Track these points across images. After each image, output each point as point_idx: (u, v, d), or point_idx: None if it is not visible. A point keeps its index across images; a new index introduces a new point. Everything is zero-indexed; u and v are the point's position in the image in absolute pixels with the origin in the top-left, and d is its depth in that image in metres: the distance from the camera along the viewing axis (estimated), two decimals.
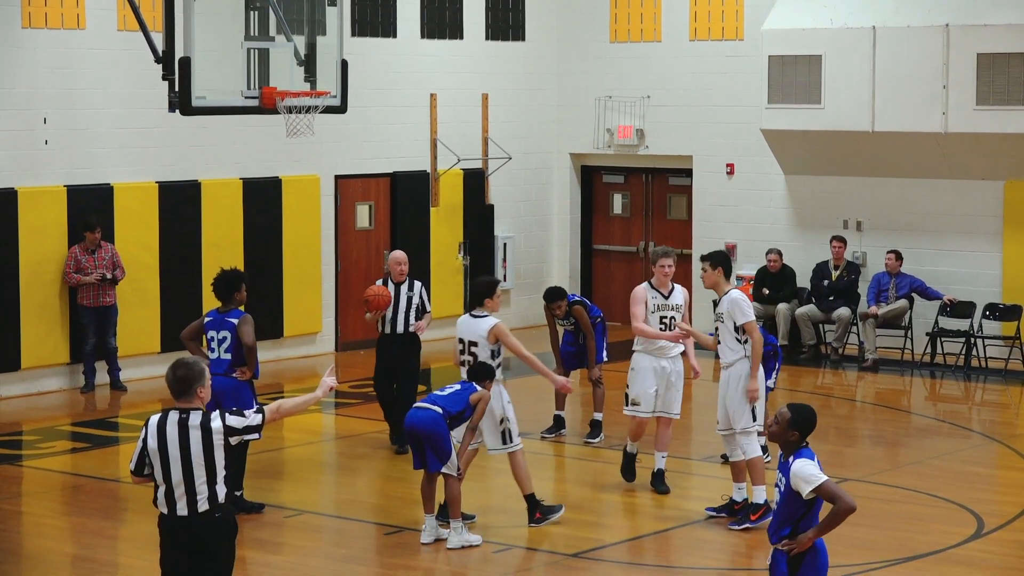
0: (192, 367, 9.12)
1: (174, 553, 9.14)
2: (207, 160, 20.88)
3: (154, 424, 9.07)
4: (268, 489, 14.77)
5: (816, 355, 22.05)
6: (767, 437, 9.14)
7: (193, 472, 8.98)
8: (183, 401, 9.09)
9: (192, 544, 9.08)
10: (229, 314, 13.94)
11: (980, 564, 12.65)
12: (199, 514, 9.03)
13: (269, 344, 21.09)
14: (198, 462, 8.97)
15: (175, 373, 9.13)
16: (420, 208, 23.46)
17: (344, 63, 16.84)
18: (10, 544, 13.40)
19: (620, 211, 25.52)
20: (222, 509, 9.10)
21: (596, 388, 16.87)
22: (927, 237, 22.29)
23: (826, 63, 22.03)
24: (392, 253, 16.56)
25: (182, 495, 9.01)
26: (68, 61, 19.53)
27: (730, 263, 14.07)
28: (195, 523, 9.04)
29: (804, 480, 8.87)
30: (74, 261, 19.14)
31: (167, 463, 9.00)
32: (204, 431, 8.97)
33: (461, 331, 13.58)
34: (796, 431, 9.00)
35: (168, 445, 8.99)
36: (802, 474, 8.88)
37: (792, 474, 8.90)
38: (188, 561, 9.13)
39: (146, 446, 9.06)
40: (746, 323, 13.55)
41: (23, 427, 17.85)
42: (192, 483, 9.00)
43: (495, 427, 13.38)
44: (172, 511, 9.05)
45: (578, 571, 12.53)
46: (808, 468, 8.88)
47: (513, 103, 24.68)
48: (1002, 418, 19.23)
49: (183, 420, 9.01)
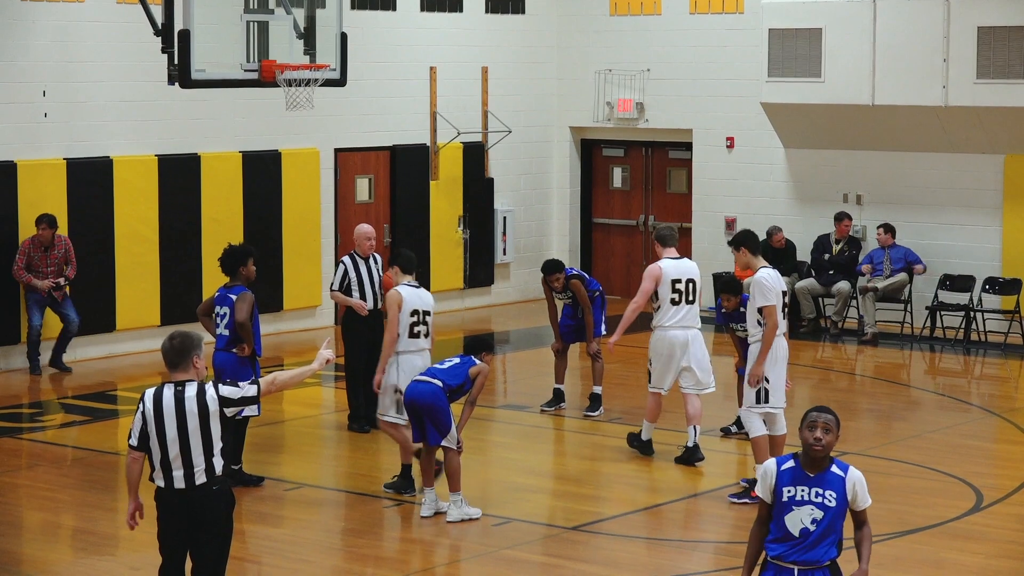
0: (188, 336, 9.14)
1: (172, 526, 9.16)
2: (207, 133, 20.86)
3: (150, 397, 9.08)
4: (268, 462, 14.79)
5: (816, 329, 22.06)
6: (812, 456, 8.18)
7: (190, 444, 8.98)
8: (180, 372, 9.09)
9: (190, 517, 9.09)
10: (232, 290, 13.96)
11: (979, 537, 12.67)
12: (196, 487, 9.04)
13: (269, 317, 21.10)
14: (194, 434, 8.98)
15: (172, 343, 9.14)
16: (420, 181, 23.45)
17: (343, 36, 16.83)
18: (10, 517, 13.42)
19: (620, 185, 25.51)
20: (219, 482, 9.12)
21: (595, 362, 16.87)
22: (927, 211, 22.28)
23: (826, 36, 21.99)
24: (360, 227, 16.06)
25: (179, 468, 9.02)
26: (67, 34, 19.50)
27: (753, 240, 13.79)
28: (193, 496, 9.05)
29: (867, 489, 8.26)
30: (26, 258, 18.81)
31: (163, 436, 9.01)
32: (200, 403, 8.98)
33: (412, 303, 13.56)
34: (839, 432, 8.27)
35: (164, 418, 9.00)
36: (865, 481, 8.26)
37: (858, 480, 8.21)
38: (186, 534, 9.15)
39: (145, 419, 9.07)
40: (764, 306, 13.45)
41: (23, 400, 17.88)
42: (189, 456, 9.00)
43: (392, 396, 13.42)
44: (169, 484, 9.06)
45: (577, 544, 12.56)
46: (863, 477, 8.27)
47: (513, 76, 24.65)
48: (1001, 392, 19.24)
49: (179, 392, 9.02)
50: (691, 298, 14.91)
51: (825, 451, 8.15)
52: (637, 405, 16.57)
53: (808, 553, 8.15)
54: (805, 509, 8.15)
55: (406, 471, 13.69)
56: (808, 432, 8.17)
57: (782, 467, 8.24)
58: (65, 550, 12.53)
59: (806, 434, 8.17)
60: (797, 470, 8.19)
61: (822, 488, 8.13)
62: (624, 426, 16.16)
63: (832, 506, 8.12)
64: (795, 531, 8.16)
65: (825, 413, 8.20)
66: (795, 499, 8.16)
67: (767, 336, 13.40)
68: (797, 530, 8.15)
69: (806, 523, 8.14)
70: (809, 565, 8.15)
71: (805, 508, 8.15)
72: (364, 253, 15.85)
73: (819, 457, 8.16)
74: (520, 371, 19.87)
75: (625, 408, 16.85)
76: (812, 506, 8.14)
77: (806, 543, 8.15)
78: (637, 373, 18.03)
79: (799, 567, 8.17)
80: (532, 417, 16.91)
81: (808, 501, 8.14)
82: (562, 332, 17.05)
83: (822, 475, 8.15)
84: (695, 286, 14.96)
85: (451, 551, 12.53)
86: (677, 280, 14.87)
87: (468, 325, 22.98)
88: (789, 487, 8.17)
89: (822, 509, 8.13)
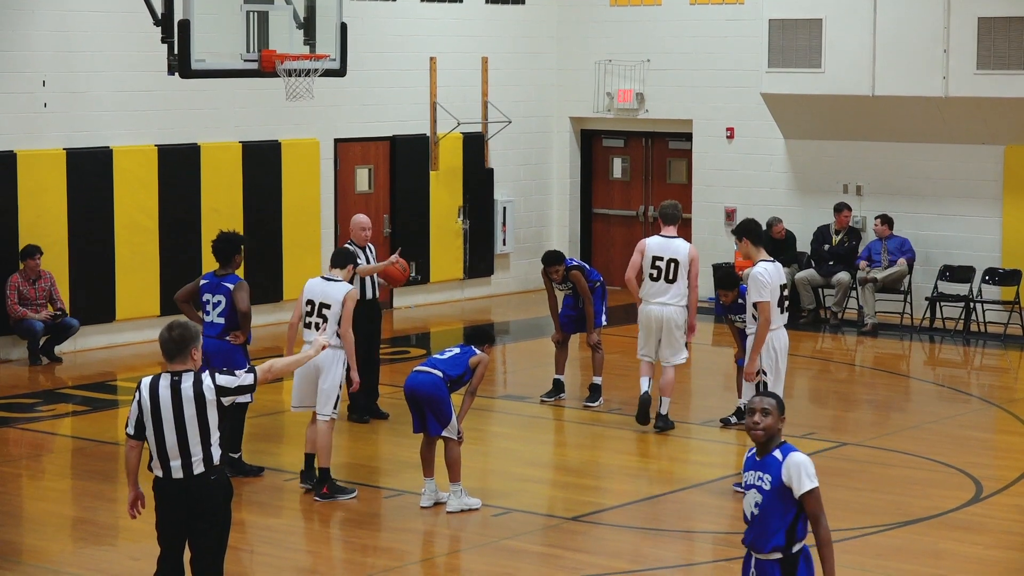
0: (187, 327, 9.11)
1: (170, 516, 9.15)
2: (206, 123, 20.85)
3: (146, 386, 9.06)
4: (268, 452, 14.79)
5: (816, 319, 22.06)
6: (754, 441, 8.22)
7: (187, 434, 8.97)
8: (177, 362, 9.06)
9: (188, 507, 9.08)
10: (226, 278, 13.90)
11: (978, 528, 12.67)
12: (194, 477, 9.03)
13: (269, 307, 21.12)
14: (191, 424, 8.96)
15: (170, 333, 9.09)
16: (420, 172, 23.44)
17: (343, 26, 16.82)
18: (11, 507, 13.42)
19: (620, 175, 25.50)
20: (217, 472, 9.10)
21: (595, 352, 16.87)
22: (927, 202, 22.28)
23: (827, 27, 21.98)
24: (356, 217, 16.01)
25: (176, 457, 9.01)
26: (67, 24, 19.48)
27: (756, 230, 13.82)
28: (190, 485, 9.04)
29: (808, 475, 8.05)
30: (16, 293, 18.80)
31: (160, 426, 8.99)
32: (197, 393, 8.97)
33: (311, 293, 13.53)
34: (783, 416, 8.24)
35: (161, 408, 8.99)
36: (808, 467, 8.06)
37: (795, 464, 8.05)
38: (185, 524, 9.14)
39: (141, 409, 9.06)
40: (758, 302, 13.48)
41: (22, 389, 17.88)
42: (187, 445, 8.99)
43: (334, 392, 13.35)
44: (167, 474, 9.05)
45: (577, 534, 12.56)
46: (809, 462, 8.11)
47: (513, 67, 24.63)
48: (1001, 382, 19.24)
49: (176, 382, 9.00)
50: (671, 277, 15.24)
51: (765, 435, 8.16)
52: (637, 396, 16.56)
53: (756, 539, 8.19)
54: (751, 493, 8.22)
55: (311, 460, 13.60)
56: (748, 416, 8.23)
57: (748, 455, 8.37)
58: (65, 540, 12.54)
59: (747, 419, 8.25)
60: (753, 456, 8.29)
61: (763, 472, 8.17)
62: (624, 417, 16.17)
63: (767, 489, 8.11)
64: (748, 515, 8.25)
65: (768, 398, 8.22)
66: (748, 484, 8.25)
67: (759, 332, 13.44)
68: (748, 514, 8.25)
69: (751, 507, 8.21)
70: (757, 551, 8.19)
71: (751, 492, 8.22)
72: (360, 243, 15.82)
73: (759, 441, 8.21)
74: (520, 361, 19.87)
75: (625, 399, 16.85)
76: (755, 490, 8.19)
77: (752, 528, 8.22)
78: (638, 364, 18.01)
79: (753, 553, 8.24)
80: (532, 407, 16.91)
81: (753, 485, 8.21)
82: (562, 323, 17.05)
83: (764, 459, 8.19)
84: (677, 266, 15.21)
85: (451, 541, 12.53)
86: (659, 258, 15.27)
87: (468, 315, 22.99)
88: (747, 472, 8.30)
89: (761, 493, 8.16)
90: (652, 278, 15.31)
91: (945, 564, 11.77)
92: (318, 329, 13.35)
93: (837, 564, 8.24)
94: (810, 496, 8.04)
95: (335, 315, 13.37)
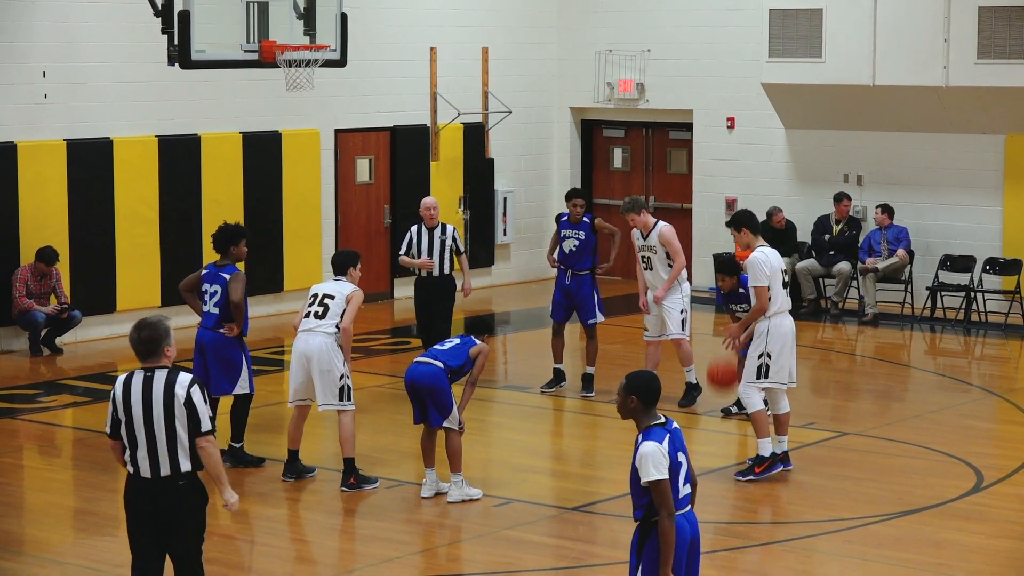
0: (157, 327, 8.85)
1: (137, 517, 8.92)
2: (207, 114, 20.84)
3: (120, 383, 8.87)
4: (269, 443, 14.80)
5: (816, 309, 22.06)
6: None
7: (155, 431, 8.75)
8: (150, 361, 8.84)
9: (155, 509, 8.85)
10: (224, 269, 13.93)
11: (979, 518, 12.68)
12: (161, 478, 8.80)
13: (269, 298, 21.13)
14: (159, 422, 8.74)
15: (139, 334, 8.84)
16: (420, 162, 23.44)
17: (344, 16, 16.82)
18: (12, 498, 13.44)
19: (620, 165, 25.49)
20: (186, 477, 8.83)
21: (590, 342, 16.85)
22: (927, 191, 22.28)
23: (827, 16, 21.96)
24: (423, 200, 17.14)
25: (144, 457, 8.79)
26: (67, 14, 19.48)
27: (752, 220, 13.90)
28: (157, 487, 8.81)
29: (652, 465, 8.18)
30: (25, 287, 18.86)
31: (132, 423, 8.79)
32: (167, 390, 8.76)
33: (317, 287, 13.62)
34: (634, 396, 8.39)
35: (132, 403, 8.79)
36: (644, 458, 8.21)
37: (640, 456, 8.24)
38: (152, 527, 8.90)
39: (115, 406, 8.88)
40: (754, 286, 13.55)
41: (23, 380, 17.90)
42: (154, 443, 8.76)
43: (334, 383, 13.34)
44: (136, 471, 8.84)
45: (578, 525, 12.57)
46: (657, 454, 8.21)
47: (513, 57, 24.62)
48: (1002, 372, 19.25)
49: (148, 379, 8.79)
50: (650, 266, 16.09)
51: (620, 415, 8.48)
52: None
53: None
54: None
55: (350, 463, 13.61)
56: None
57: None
58: (67, 531, 12.55)
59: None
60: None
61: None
62: None
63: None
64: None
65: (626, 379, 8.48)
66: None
67: (751, 314, 13.65)
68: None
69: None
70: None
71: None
72: (428, 223, 16.80)
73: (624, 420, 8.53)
74: (520, 352, 19.88)
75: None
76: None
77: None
78: (637, 354, 18.03)
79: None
80: (533, 398, 16.92)
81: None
82: (555, 310, 17.04)
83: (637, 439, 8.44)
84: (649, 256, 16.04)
85: (452, 532, 12.54)
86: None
87: (468, 306, 22.99)
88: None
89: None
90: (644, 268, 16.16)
91: (946, 553, 11.78)
92: (317, 318, 13.34)
93: (840, 554, 8.27)
94: (652, 486, 8.22)
95: (338, 306, 13.37)
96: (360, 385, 17.09)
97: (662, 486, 8.18)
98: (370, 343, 19.95)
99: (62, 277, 19.20)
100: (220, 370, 13.83)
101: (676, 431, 8.43)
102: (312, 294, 13.58)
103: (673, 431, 8.39)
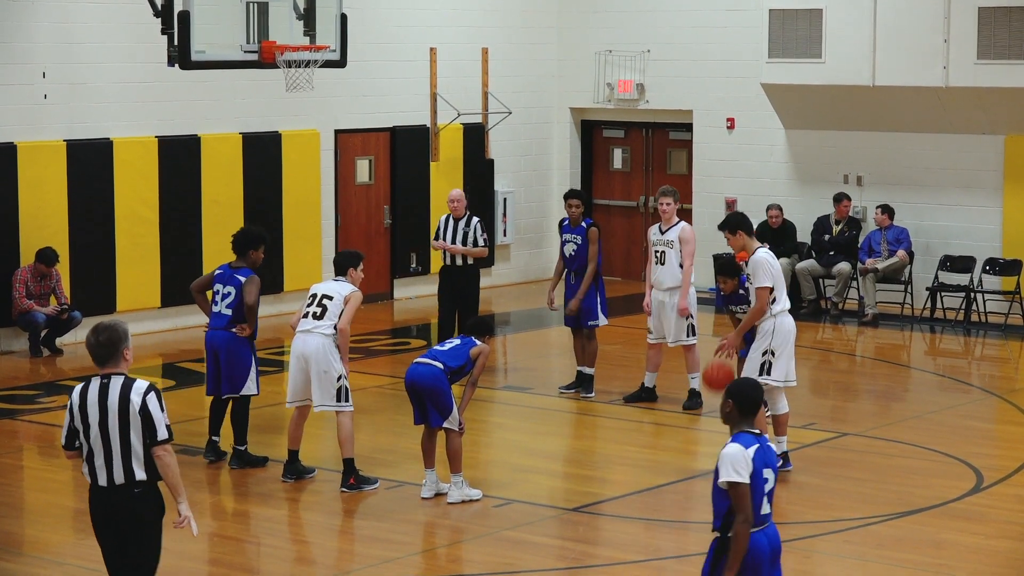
0: (114, 329, 8.75)
1: (98, 527, 8.81)
2: (207, 115, 20.84)
3: (77, 392, 8.75)
4: (271, 444, 14.79)
5: (816, 310, 22.05)
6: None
7: (109, 438, 8.62)
8: (109, 366, 8.72)
9: (112, 517, 8.73)
10: (239, 271, 13.98)
11: (979, 518, 12.68)
12: (116, 487, 8.68)
13: (269, 299, 21.10)
14: (114, 428, 8.61)
15: (97, 338, 8.72)
16: (420, 163, 23.44)
17: (343, 17, 16.82)
18: (11, 499, 13.44)
19: (620, 166, 25.49)
20: (141, 485, 8.69)
21: (589, 342, 16.82)
22: (927, 191, 22.28)
23: (827, 17, 21.96)
24: (451, 192, 17.86)
25: (102, 466, 8.67)
26: (67, 15, 19.47)
27: (746, 222, 13.86)
28: (112, 496, 8.69)
29: (732, 467, 8.14)
30: (25, 287, 18.85)
31: (88, 430, 8.67)
32: (123, 397, 8.64)
33: (316, 288, 13.61)
34: (731, 400, 8.31)
35: (88, 409, 8.67)
36: (732, 459, 8.14)
37: (720, 455, 8.21)
38: (112, 535, 8.79)
39: (72, 415, 8.75)
40: (757, 287, 13.52)
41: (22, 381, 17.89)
42: (109, 450, 8.64)
43: (331, 384, 13.33)
44: (94, 479, 8.72)
45: (579, 525, 12.57)
46: (739, 457, 8.14)
47: (513, 57, 24.62)
48: (1001, 373, 19.25)
49: (104, 386, 8.68)
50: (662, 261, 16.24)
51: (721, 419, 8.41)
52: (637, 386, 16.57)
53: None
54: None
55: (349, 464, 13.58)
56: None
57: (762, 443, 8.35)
58: (66, 531, 12.55)
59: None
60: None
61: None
62: (624, 407, 16.18)
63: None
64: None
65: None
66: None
67: (750, 315, 13.63)
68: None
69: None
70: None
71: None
72: (454, 215, 17.53)
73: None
74: (521, 352, 19.88)
75: (624, 389, 16.84)
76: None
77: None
78: (637, 354, 18.03)
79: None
80: (533, 398, 16.92)
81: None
82: (566, 316, 16.94)
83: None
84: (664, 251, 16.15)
85: (452, 532, 12.54)
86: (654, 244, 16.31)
87: None
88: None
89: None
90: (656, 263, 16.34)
91: (946, 554, 11.78)
92: (316, 319, 13.34)
93: (840, 554, 8.26)
94: (731, 489, 8.20)
95: (336, 306, 13.37)
96: (360, 385, 17.08)
97: (740, 490, 8.13)
98: (370, 343, 19.95)
99: (62, 278, 19.22)
100: (232, 371, 13.87)
101: (768, 448, 8.32)
102: (311, 294, 13.58)
103: (765, 446, 8.29)
